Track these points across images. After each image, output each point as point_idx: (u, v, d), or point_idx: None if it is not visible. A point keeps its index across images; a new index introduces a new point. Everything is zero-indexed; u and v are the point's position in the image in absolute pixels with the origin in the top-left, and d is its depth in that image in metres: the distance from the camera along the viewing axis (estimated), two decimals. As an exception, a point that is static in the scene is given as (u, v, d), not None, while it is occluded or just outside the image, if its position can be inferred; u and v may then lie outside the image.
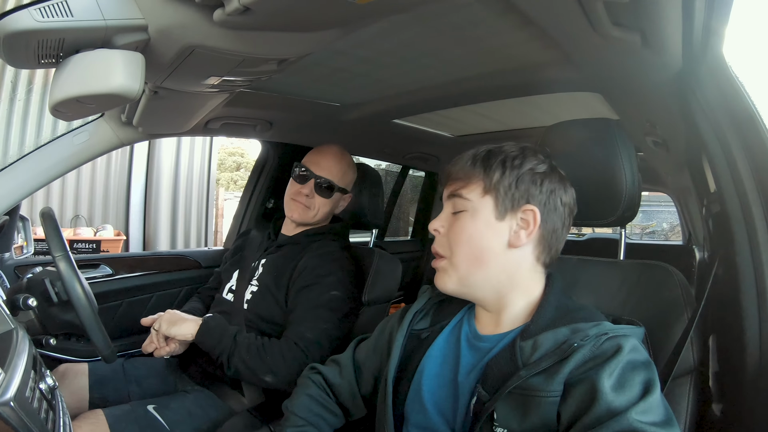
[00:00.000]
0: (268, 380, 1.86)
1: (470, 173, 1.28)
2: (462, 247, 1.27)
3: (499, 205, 1.25)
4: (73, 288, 1.63)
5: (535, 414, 1.07)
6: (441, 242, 1.32)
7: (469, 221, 1.27)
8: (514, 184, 1.25)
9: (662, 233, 9.60)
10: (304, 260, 2.11)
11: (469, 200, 1.27)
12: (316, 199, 2.23)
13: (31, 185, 2.03)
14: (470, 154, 1.31)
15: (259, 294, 2.13)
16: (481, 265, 1.27)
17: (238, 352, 1.87)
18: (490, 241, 1.26)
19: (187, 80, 1.57)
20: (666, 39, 1.21)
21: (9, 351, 1.17)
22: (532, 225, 1.25)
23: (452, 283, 1.29)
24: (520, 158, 1.27)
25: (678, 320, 1.30)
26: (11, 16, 1.05)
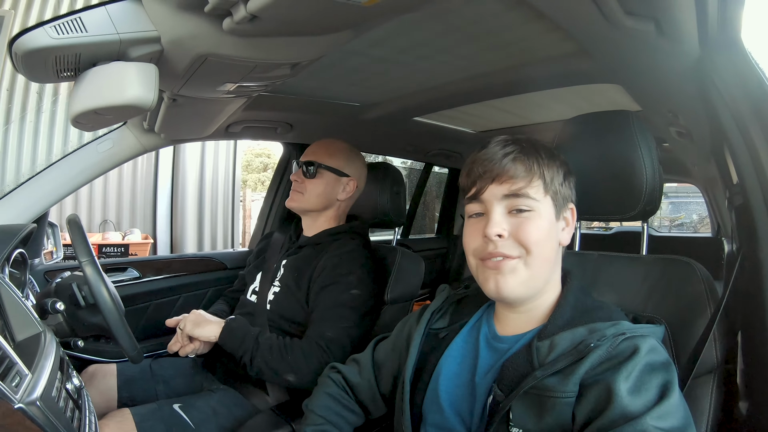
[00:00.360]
0: (290, 380, 1.88)
1: (531, 170, 1.20)
2: (538, 248, 1.18)
3: (557, 204, 1.23)
4: (99, 291, 1.66)
5: (551, 414, 1.06)
6: (508, 245, 1.19)
7: (539, 221, 1.19)
8: (563, 182, 1.24)
9: (691, 225, 9.41)
10: (324, 260, 2.10)
11: (536, 200, 1.19)
12: (305, 183, 2.24)
13: (58, 193, 2.09)
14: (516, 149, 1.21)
15: (281, 295, 2.15)
16: (548, 266, 1.23)
17: (261, 352, 1.89)
18: (554, 242, 1.23)
19: (203, 87, 1.59)
20: (680, 26, 1.18)
21: (37, 353, 1.20)
22: (572, 222, 1.25)
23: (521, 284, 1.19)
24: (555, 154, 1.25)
25: (701, 316, 1.25)
26: (28, 35, 1.09)
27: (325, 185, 2.26)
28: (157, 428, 1.78)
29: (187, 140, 2.57)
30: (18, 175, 5.92)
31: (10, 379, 0.99)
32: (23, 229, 1.79)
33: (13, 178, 5.89)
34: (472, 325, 1.37)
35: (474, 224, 1.26)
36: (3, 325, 1.27)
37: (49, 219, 2.58)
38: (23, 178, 2.06)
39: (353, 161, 2.33)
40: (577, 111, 1.63)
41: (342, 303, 1.98)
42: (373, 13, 1.19)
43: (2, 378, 0.96)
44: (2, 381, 0.95)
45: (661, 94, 1.82)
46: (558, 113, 2.91)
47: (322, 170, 2.25)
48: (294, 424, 1.84)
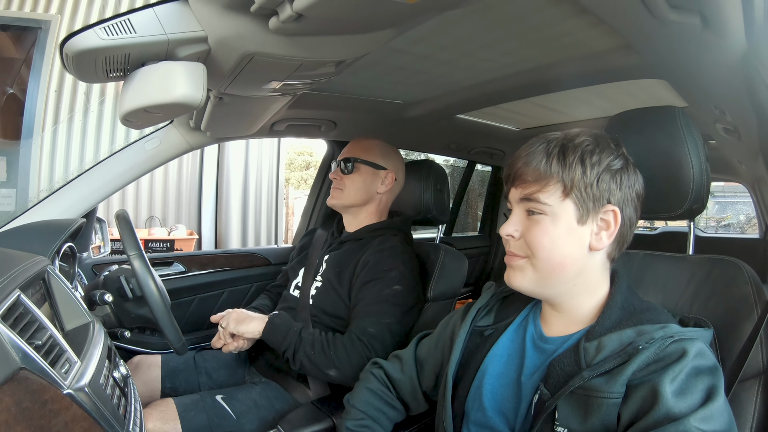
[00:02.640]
0: (332, 374, 1.89)
1: (546, 174, 1.18)
2: (543, 252, 1.18)
3: (581, 208, 1.17)
4: (147, 284, 1.70)
5: (596, 415, 1.05)
6: (517, 246, 1.23)
7: (549, 226, 1.18)
8: (595, 183, 1.17)
9: (738, 226, 9.17)
10: (366, 255, 2.12)
11: (548, 205, 1.18)
12: (344, 179, 2.27)
13: (106, 189, 2.15)
14: (540, 149, 1.20)
15: (324, 290, 2.16)
16: (561, 270, 1.20)
17: (303, 347, 1.90)
18: (572, 247, 1.19)
19: (249, 86, 1.61)
20: (726, 20, 1.14)
21: (85, 342, 1.24)
22: (614, 225, 1.19)
23: (527, 282, 1.22)
24: (597, 152, 1.18)
25: (747, 319, 1.21)
26: (78, 37, 1.12)
27: (363, 179, 2.28)
28: (199, 418, 1.81)
29: (232, 138, 2.61)
30: (67, 172, 6.08)
31: (60, 366, 1.03)
32: (73, 223, 1.84)
33: (62, 175, 6.04)
34: (518, 324, 1.36)
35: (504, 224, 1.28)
36: (53, 315, 1.31)
37: (97, 215, 2.64)
38: (72, 175, 2.12)
39: (389, 155, 2.35)
40: (621, 107, 1.59)
41: (384, 299, 1.98)
42: (416, 10, 1.19)
43: (52, 364, 0.99)
44: (52, 367, 0.98)
45: (706, 90, 1.77)
46: (602, 110, 2.86)
47: (359, 164, 2.28)
48: (335, 418, 1.85)
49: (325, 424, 1.84)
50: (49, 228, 1.80)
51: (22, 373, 0.88)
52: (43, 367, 0.94)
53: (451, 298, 2.31)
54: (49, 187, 2.13)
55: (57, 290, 1.35)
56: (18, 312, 1.01)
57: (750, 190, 5.14)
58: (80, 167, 2.04)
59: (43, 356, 0.96)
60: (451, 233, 4.67)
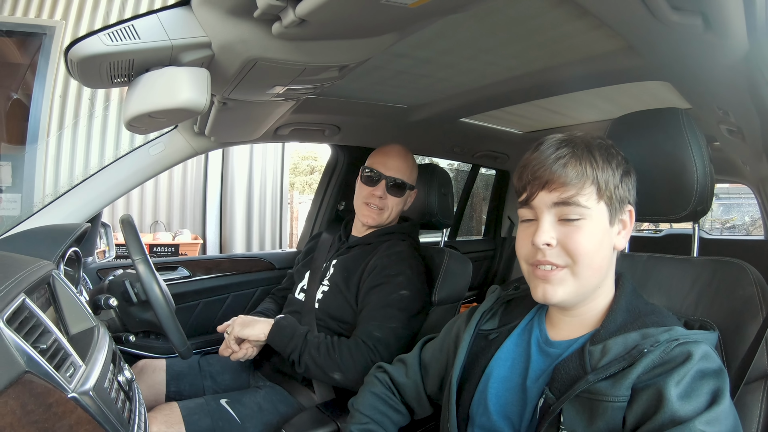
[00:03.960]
0: (337, 378, 1.89)
1: (582, 176, 1.16)
2: (586, 258, 1.16)
3: (611, 209, 1.18)
4: (152, 288, 1.71)
5: (602, 419, 1.05)
6: (555, 254, 1.18)
7: (590, 230, 1.16)
8: (620, 184, 1.19)
9: (743, 227, 9.13)
10: (374, 260, 2.13)
11: (587, 208, 1.16)
12: (389, 200, 2.24)
13: (111, 194, 2.15)
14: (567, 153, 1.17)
15: (330, 294, 2.16)
16: (599, 274, 1.20)
17: (308, 350, 1.91)
18: (607, 249, 1.19)
19: (252, 91, 1.62)
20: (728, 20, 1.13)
21: (90, 346, 1.24)
22: (629, 225, 1.21)
23: (570, 294, 1.19)
24: (614, 153, 1.20)
25: (753, 321, 1.20)
26: (83, 42, 1.13)
27: (404, 202, 2.31)
28: (203, 422, 1.81)
29: (236, 143, 2.62)
30: (72, 177, 6.09)
31: (65, 370, 1.03)
32: (78, 228, 1.85)
33: (67, 180, 6.06)
34: (523, 328, 1.35)
35: (525, 229, 1.24)
36: (58, 319, 1.32)
37: (102, 219, 2.64)
38: (77, 180, 2.13)
39: (416, 170, 2.37)
40: (625, 109, 1.60)
41: (390, 303, 1.99)
42: (419, 14, 1.19)
43: (57, 368, 1.00)
44: (57, 371, 0.98)
45: (710, 91, 1.76)
46: (606, 112, 2.86)
47: (408, 190, 2.30)
48: (339, 422, 1.85)
49: (330, 428, 1.84)
50: (54, 232, 1.81)
51: (26, 377, 0.88)
52: (47, 371, 0.94)
53: (456, 301, 2.31)
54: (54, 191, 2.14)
55: (62, 294, 1.35)
56: (23, 316, 1.01)
57: (755, 192, 5.11)
58: (85, 172, 2.05)
59: (47, 360, 0.97)
60: (455, 237, 4.66)
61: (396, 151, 2.32)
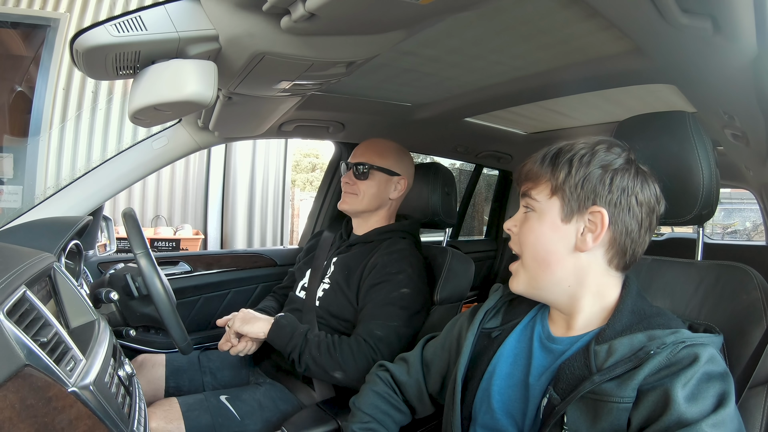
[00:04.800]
0: (338, 377, 1.88)
1: (539, 173, 1.25)
2: (529, 248, 1.25)
3: (566, 206, 1.20)
4: (153, 283, 1.70)
5: (606, 420, 1.05)
6: (514, 241, 1.31)
7: (536, 222, 1.24)
8: (580, 183, 1.19)
9: (745, 233, 9.12)
10: (374, 258, 2.12)
11: (537, 201, 1.25)
12: (358, 185, 2.27)
13: (113, 187, 2.15)
14: (542, 152, 1.27)
15: (331, 292, 2.15)
16: (547, 268, 1.23)
17: (309, 349, 1.90)
18: (556, 244, 1.22)
19: (259, 85, 1.61)
20: (738, 24, 1.13)
21: (91, 340, 1.23)
22: (599, 228, 1.18)
23: (521, 284, 1.29)
24: (589, 155, 1.20)
25: (757, 326, 1.20)
26: (89, 33, 1.12)
27: (377, 186, 2.28)
28: (203, 418, 1.81)
29: (240, 138, 2.61)
30: (74, 170, 6.09)
31: (65, 363, 1.02)
32: (79, 221, 1.84)
33: (69, 173, 6.06)
34: (525, 325, 1.35)
35: None
36: (58, 312, 1.31)
37: (104, 213, 2.64)
38: (79, 173, 2.13)
39: (402, 160, 2.35)
40: (630, 112, 1.59)
41: (391, 301, 1.98)
42: (428, 11, 1.19)
43: (57, 362, 0.99)
44: (57, 365, 0.98)
45: (716, 95, 1.74)
46: (611, 114, 2.84)
47: (374, 171, 2.27)
48: (340, 420, 1.84)
49: (330, 426, 1.83)
50: (56, 225, 1.80)
51: (26, 370, 0.87)
52: (48, 365, 0.94)
53: (458, 301, 2.31)
54: (56, 184, 2.14)
55: (63, 287, 1.35)
56: (23, 308, 1.00)
57: (757, 197, 5.09)
58: (87, 165, 2.04)
59: (48, 353, 0.96)
60: (458, 237, 4.67)
61: (368, 141, 2.38)
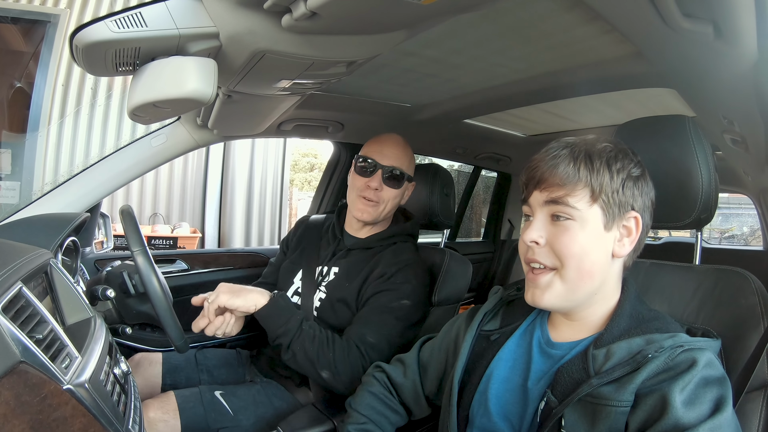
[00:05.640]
0: (324, 376, 1.81)
1: (574, 177, 1.16)
2: (572, 260, 1.16)
3: (607, 213, 1.17)
4: (150, 281, 1.69)
5: (604, 423, 1.05)
6: (543, 253, 1.20)
7: (579, 233, 1.16)
8: (620, 189, 1.17)
9: (742, 237, 9.13)
10: (380, 268, 2.03)
11: (577, 209, 1.16)
12: (385, 192, 2.08)
13: (111, 184, 2.14)
14: (564, 153, 1.19)
15: (329, 303, 2.05)
16: (590, 279, 1.19)
17: (301, 340, 1.80)
18: (599, 253, 1.18)
19: (258, 84, 1.61)
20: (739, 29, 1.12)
21: (87, 337, 1.23)
22: (635, 232, 1.19)
23: (556, 298, 1.20)
24: (620, 159, 1.18)
25: (754, 330, 1.20)
26: (89, 28, 1.12)
27: (401, 194, 2.15)
28: (197, 410, 1.80)
29: (239, 137, 2.60)
30: (72, 167, 6.08)
31: (61, 361, 1.02)
32: (77, 218, 1.84)
33: (67, 169, 6.06)
34: (524, 329, 1.35)
35: (524, 227, 1.25)
36: (54, 309, 1.30)
37: (101, 210, 2.63)
38: (77, 169, 2.12)
39: (414, 162, 2.22)
40: (630, 116, 1.59)
41: (389, 310, 1.92)
42: (430, 12, 1.19)
43: (53, 359, 0.98)
44: (53, 362, 0.97)
45: (716, 100, 1.74)
46: (610, 118, 2.85)
47: (405, 181, 2.13)
48: (335, 420, 1.83)
49: (326, 426, 1.82)
50: (53, 221, 1.80)
51: (21, 367, 0.87)
52: (43, 362, 0.93)
53: (455, 302, 2.30)
54: (54, 180, 2.13)
55: (59, 284, 1.34)
56: (19, 305, 1.00)
57: (755, 202, 5.09)
58: (85, 162, 2.03)
59: (43, 350, 0.96)
60: (455, 238, 4.66)
61: (393, 139, 2.16)
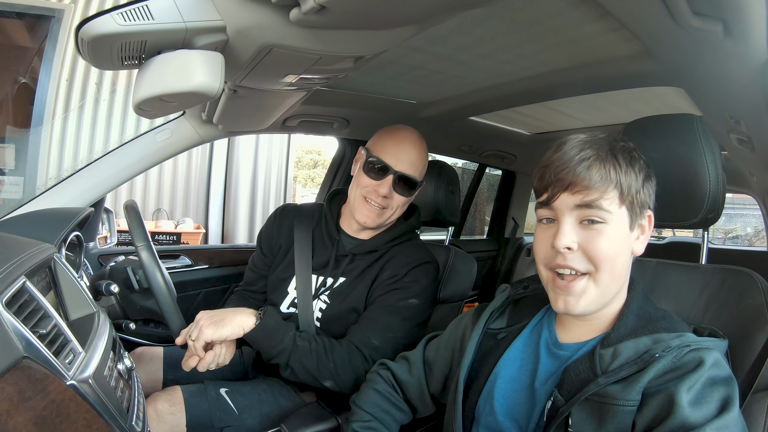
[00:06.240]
0: (328, 385, 1.79)
1: (606, 179, 1.14)
2: (608, 264, 1.15)
3: (632, 214, 1.17)
4: (154, 276, 1.70)
5: (611, 422, 1.04)
6: (576, 258, 1.16)
7: (611, 235, 1.15)
8: (642, 188, 1.17)
9: (746, 238, 9.10)
10: (391, 269, 1.96)
11: (609, 212, 1.14)
12: (395, 199, 1.97)
13: (116, 179, 2.14)
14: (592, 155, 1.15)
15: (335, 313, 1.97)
16: (620, 280, 1.19)
17: (299, 357, 1.76)
18: (627, 254, 1.19)
19: (265, 78, 1.60)
20: (749, 28, 1.11)
21: (90, 332, 1.22)
22: (648, 230, 1.20)
23: (591, 303, 1.17)
24: (637, 158, 1.18)
25: (761, 331, 1.19)
26: (95, 21, 1.11)
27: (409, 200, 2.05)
28: (202, 406, 1.80)
29: (244, 132, 2.60)
30: (76, 162, 6.08)
31: (64, 356, 1.01)
32: (80, 212, 1.83)
33: (71, 164, 6.06)
34: (532, 328, 1.35)
35: (544, 230, 1.21)
36: (58, 304, 1.30)
37: (105, 205, 2.63)
38: (81, 164, 2.12)
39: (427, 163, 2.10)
40: (636, 114, 1.59)
41: (397, 310, 1.88)
42: (439, 7, 1.19)
43: (56, 354, 0.98)
44: (56, 357, 0.96)
45: (723, 99, 1.73)
46: (616, 116, 2.82)
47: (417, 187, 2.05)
48: (339, 418, 1.83)
49: (331, 424, 1.83)
50: (57, 216, 1.79)
51: (25, 362, 0.86)
52: (46, 357, 0.93)
53: (460, 300, 2.31)
54: (58, 175, 2.12)
55: (63, 279, 1.33)
56: (23, 299, 0.99)
57: (760, 203, 5.09)
58: (90, 157, 2.03)
59: (47, 345, 0.95)
60: (459, 236, 4.66)
61: (410, 140, 2.01)
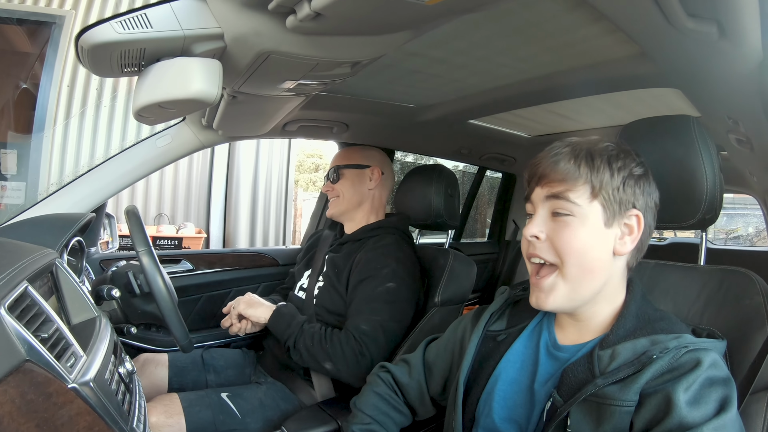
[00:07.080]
0: (327, 368, 1.93)
1: (575, 174, 1.17)
2: (573, 256, 1.17)
3: (608, 210, 1.17)
4: (155, 280, 1.71)
5: (609, 423, 1.05)
6: (543, 248, 1.20)
7: (579, 228, 1.17)
8: (621, 187, 1.18)
9: (747, 238, 9.07)
10: (360, 254, 2.18)
11: (577, 205, 1.17)
12: (336, 188, 2.41)
13: (117, 185, 2.15)
14: (566, 151, 1.20)
15: (325, 289, 2.22)
16: (592, 276, 1.19)
17: (303, 339, 1.98)
18: (600, 251, 1.18)
19: (263, 84, 1.61)
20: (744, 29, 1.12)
21: (92, 336, 1.23)
22: (636, 230, 1.20)
23: (560, 299, 1.20)
24: (622, 158, 1.19)
25: (759, 331, 1.19)
26: (95, 30, 1.13)
27: (351, 182, 2.41)
28: (204, 414, 1.82)
29: (244, 137, 2.61)
30: (77, 167, 6.10)
31: (66, 360, 1.02)
32: (82, 218, 1.84)
33: (72, 170, 6.07)
34: (531, 330, 1.35)
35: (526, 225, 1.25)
36: (60, 308, 1.31)
37: (106, 210, 2.64)
38: (82, 170, 2.12)
39: (368, 152, 2.50)
40: (634, 116, 1.59)
41: (376, 297, 2.02)
42: (435, 12, 1.19)
43: (58, 358, 0.99)
44: (58, 361, 0.98)
45: (720, 100, 1.72)
46: (614, 118, 2.83)
47: (343, 170, 2.42)
48: (340, 420, 1.84)
49: (331, 426, 1.84)
50: (59, 221, 1.81)
51: (27, 366, 0.88)
52: (48, 360, 0.94)
53: (460, 302, 2.31)
54: (59, 181, 2.14)
55: (65, 283, 1.35)
56: (25, 304, 1.00)
57: (761, 203, 5.07)
58: (91, 162, 2.04)
59: (48, 349, 0.96)
60: (460, 239, 4.65)
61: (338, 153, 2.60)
